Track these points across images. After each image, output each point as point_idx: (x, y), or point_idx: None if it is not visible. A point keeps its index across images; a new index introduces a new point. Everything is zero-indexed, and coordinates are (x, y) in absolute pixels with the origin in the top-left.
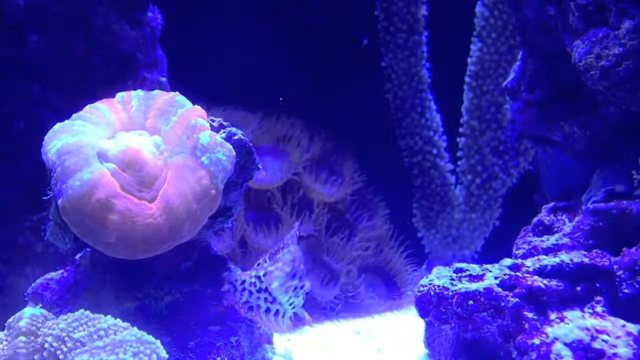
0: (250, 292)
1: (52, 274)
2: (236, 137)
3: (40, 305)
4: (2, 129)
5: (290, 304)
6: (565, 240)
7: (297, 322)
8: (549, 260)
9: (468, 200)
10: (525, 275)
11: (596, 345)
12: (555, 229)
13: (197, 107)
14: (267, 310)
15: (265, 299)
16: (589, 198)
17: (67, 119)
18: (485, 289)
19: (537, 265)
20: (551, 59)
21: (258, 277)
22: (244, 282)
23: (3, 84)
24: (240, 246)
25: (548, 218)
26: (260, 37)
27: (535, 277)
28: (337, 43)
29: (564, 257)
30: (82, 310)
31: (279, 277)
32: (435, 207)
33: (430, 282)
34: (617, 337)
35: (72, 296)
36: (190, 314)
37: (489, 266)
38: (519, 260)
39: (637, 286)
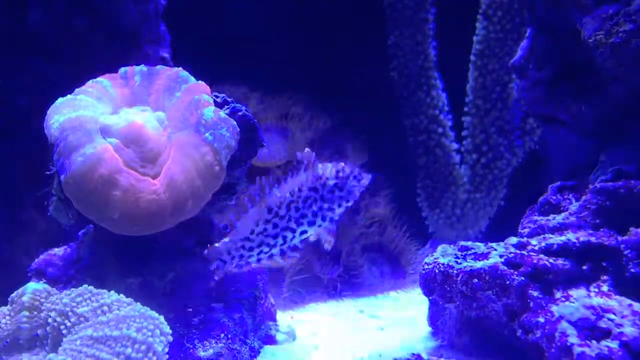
0: (241, 256)
1: (56, 250)
2: (240, 113)
3: (44, 280)
4: (4, 105)
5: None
6: (572, 219)
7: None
8: (555, 239)
9: (473, 180)
10: (531, 253)
11: (602, 324)
12: (562, 208)
13: (201, 83)
14: (259, 260)
15: (260, 252)
16: (596, 177)
17: (70, 94)
18: (490, 267)
19: (543, 244)
20: (560, 36)
21: (246, 239)
22: (229, 250)
23: (5, 59)
24: None
25: (554, 197)
26: (264, 13)
27: (541, 255)
28: (343, 20)
29: (570, 236)
30: (85, 286)
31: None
32: (440, 186)
33: (435, 260)
34: (624, 317)
35: (75, 272)
36: (194, 291)
37: (494, 245)
38: (525, 239)
39: None
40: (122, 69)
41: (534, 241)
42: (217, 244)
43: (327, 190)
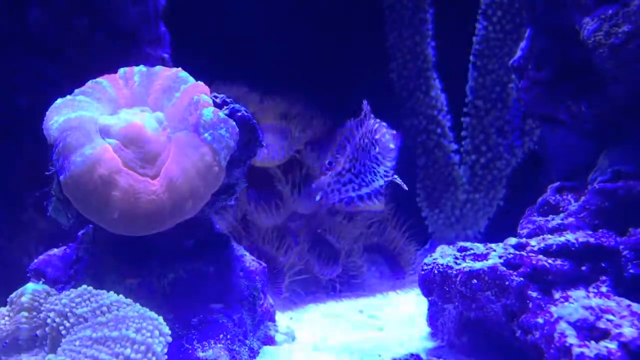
0: (339, 190)
1: (55, 250)
2: (239, 114)
3: (43, 281)
4: (4, 104)
5: (367, 185)
6: (571, 219)
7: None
8: (554, 240)
9: (472, 180)
10: (530, 254)
11: (601, 324)
12: (561, 209)
13: (200, 83)
14: (360, 197)
15: (354, 188)
16: (595, 178)
17: (70, 94)
18: (489, 267)
19: (542, 245)
20: (559, 36)
21: (339, 174)
22: (329, 184)
23: (5, 59)
24: (242, 225)
25: (554, 198)
26: (263, 13)
27: (540, 256)
28: (342, 20)
29: (569, 236)
30: (84, 286)
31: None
32: (439, 186)
33: (434, 260)
34: (622, 317)
35: (75, 272)
36: (193, 292)
37: (493, 245)
38: (524, 240)
39: None
40: (122, 70)
41: (533, 242)
42: (322, 177)
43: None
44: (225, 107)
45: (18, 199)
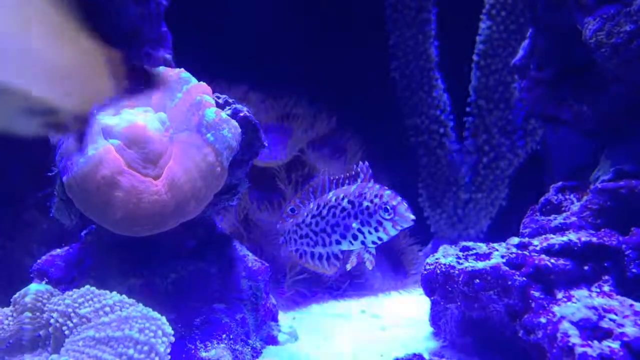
0: (295, 240)
1: (58, 251)
2: (242, 114)
3: (46, 281)
4: None
5: (323, 245)
6: (573, 219)
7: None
8: (556, 239)
9: (474, 180)
10: (533, 254)
11: (603, 324)
12: (563, 208)
13: (203, 84)
14: (312, 254)
15: (308, 244)
16: (598, 177)
17: None
18: (492, 267)
19: (544, 244)
20: (561, 36)
21: (297, 225)
22: (289, 231)
23: None
24: (243, 225)
25: (556, 197)
26: (265, 13)
27: (543, 255)
28: (343, 20)
29: (571, 236)
30: (87, 287)
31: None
32: (441, 186)
33: (436, 260)
34: (625, 317)
35: (78, 273)
36: (195, 291)
37: (495, 245)
38: (526, 239)
39: None
40: None
41: (535, 241)
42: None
43: (359, 210)
44: (228, 107)
45: (19, 198)
